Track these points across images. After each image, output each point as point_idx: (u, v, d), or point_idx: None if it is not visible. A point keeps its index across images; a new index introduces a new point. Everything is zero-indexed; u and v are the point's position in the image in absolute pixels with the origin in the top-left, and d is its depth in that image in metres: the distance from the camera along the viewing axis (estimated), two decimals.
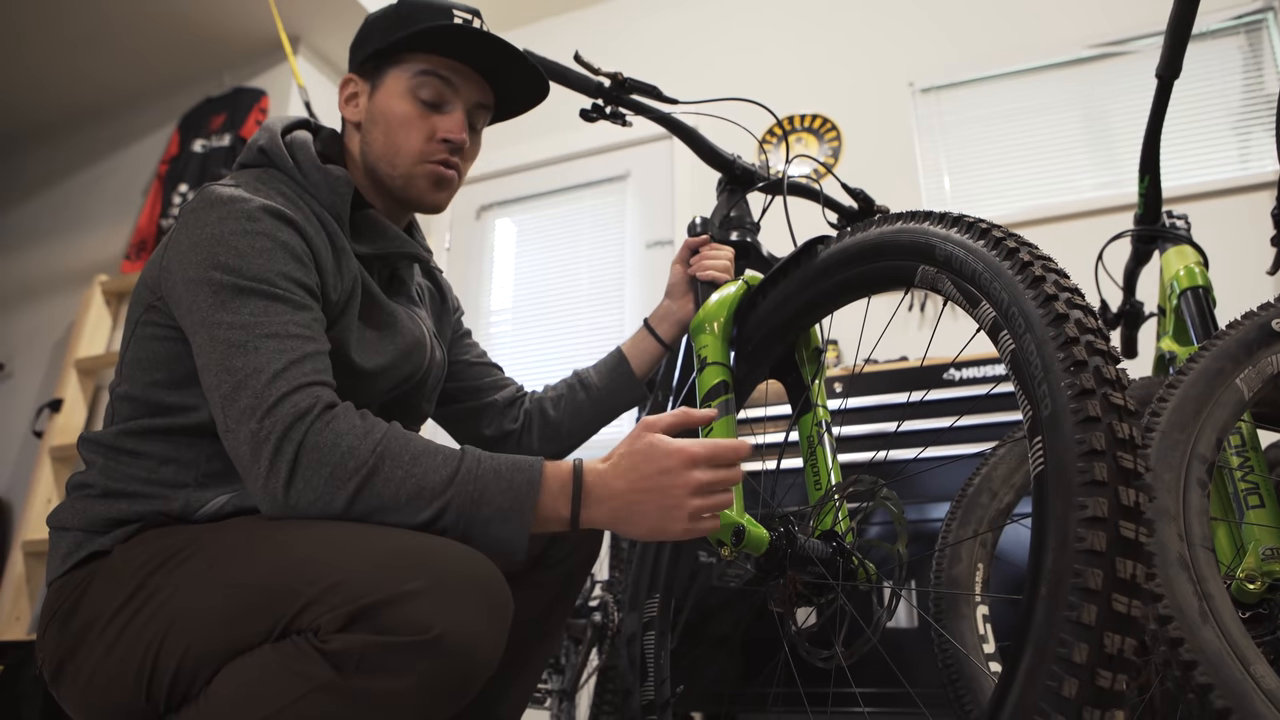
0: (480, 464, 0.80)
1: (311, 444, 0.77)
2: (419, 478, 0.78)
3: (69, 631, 0.82)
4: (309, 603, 0.71)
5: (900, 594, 0.90)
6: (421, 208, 1.04)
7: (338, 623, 0.70)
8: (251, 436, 0.77)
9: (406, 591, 0.70)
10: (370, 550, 0.73)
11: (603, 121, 1.21)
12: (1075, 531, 0.58)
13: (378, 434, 0.79)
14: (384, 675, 0.69)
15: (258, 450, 0.77)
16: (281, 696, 0.70)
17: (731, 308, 1.08)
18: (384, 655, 0.69)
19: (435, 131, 1.00)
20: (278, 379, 0.79)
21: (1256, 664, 0.80)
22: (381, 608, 0.69)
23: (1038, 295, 0.67)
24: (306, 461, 0.76)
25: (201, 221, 0.86)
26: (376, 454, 0.77)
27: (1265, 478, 1.04)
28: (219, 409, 0.80)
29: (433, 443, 0.82)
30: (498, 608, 0.75)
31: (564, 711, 1.94)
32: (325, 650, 0.70)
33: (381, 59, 1.01)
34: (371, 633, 0.69)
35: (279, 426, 0.77)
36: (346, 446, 0.77)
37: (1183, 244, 1.40)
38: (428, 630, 0.69)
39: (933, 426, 1.82)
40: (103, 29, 3.34)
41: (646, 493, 0.79)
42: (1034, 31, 2.81)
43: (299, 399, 0.79)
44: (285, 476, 0.76)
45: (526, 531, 0.79)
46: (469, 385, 1.23)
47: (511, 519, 0.78)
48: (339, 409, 0.80)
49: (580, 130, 3.31)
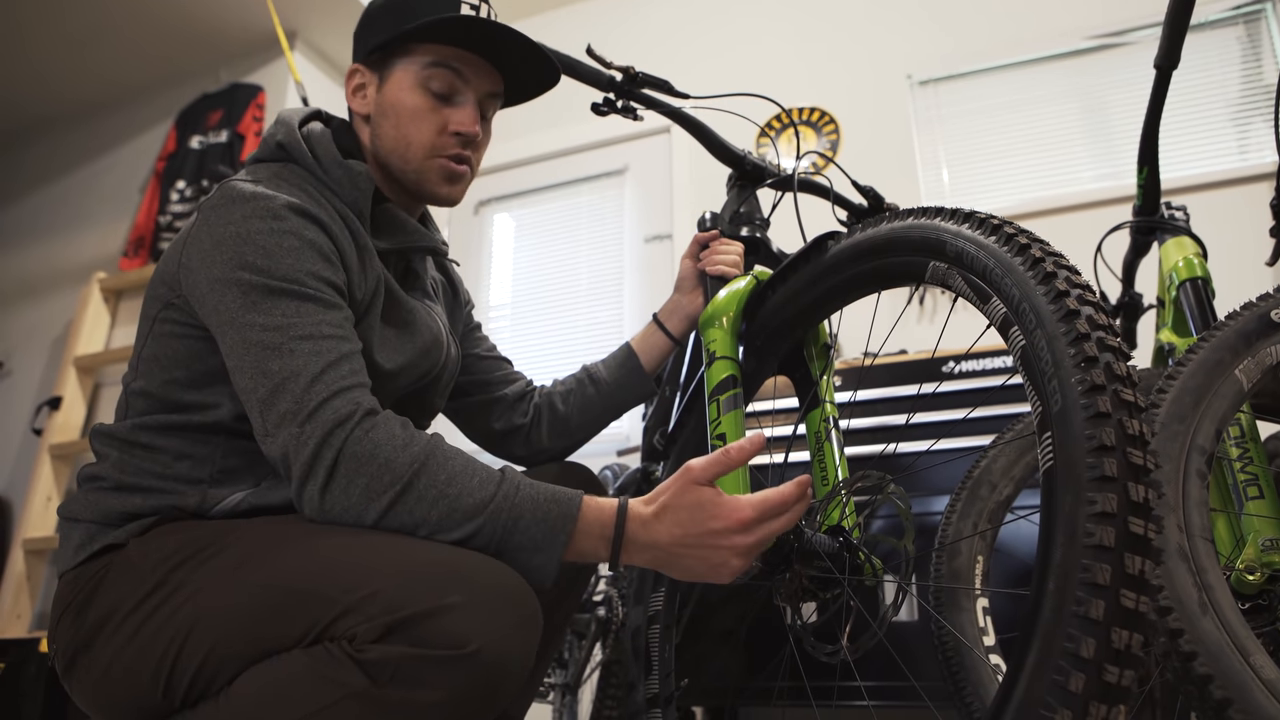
0: (519, 491, 0.79)
1: (350, 453, 0.77)
2: (453, 499, 0.77)
3: (84, 624, 0.81)
4: (345, 610, 0.71)
5: (907, 589, 0.90)
6: (436, 201, 1.03)
7: (375, 633, 0.70)
8: (293, 440, 0.77)
9: (445, 605, 0.70)
10: (407, 561, 0.73)
11: (603, 116, 1.20)
12: (1084, 526, 0.58)
13: (416, 448, 0.79)
14: (418, 687, 0.69)
15: (298, 454, 0.77)
16: (311, 701, 0.70)
17: (741, 303, 1.08)
18: (420, 667, 0.69)
19: (447, 124, 0.98)
20: (316, 383, 0.79)
21: (1256, 655, 0.80)
22: (420, 620, 0.70)
23: (1049, 291, 0.67)
24: (344, 470, 0.77)
25: (225, 219, 0.85)
26: (414, 470, 0.77)
27: (1264, 469, 1.04)
28: (256, 413, 0.80)
29: (473, 460, 0.81)
30: (529, 621, 0.75)
31: (567, 706, 1.95)
32: (361, 659, 0.70)
33: (389, 49, 0.99)
34: (409, 644, 0.69)
35: (318, 432, 0.77)
36: (384, 458, 0.77)
37: (1181, 235, 1.40)
38: (465, 644, 0.69)
39: (936, 420, 1.82)
40: (100, 25, 3.32)
41: (692, 549, 0.78)
42: (1032, 23, 2.81)
43: (339, 404, 0.79)
44: (322, 482, 0.77)
45: (558, 565, 0.79)
46: (480, 379, 1.22)
47: (544, 549, 0.78)
48: (380, 417, 0.80)
49: (578, 124, 3.30)
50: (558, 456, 1.25)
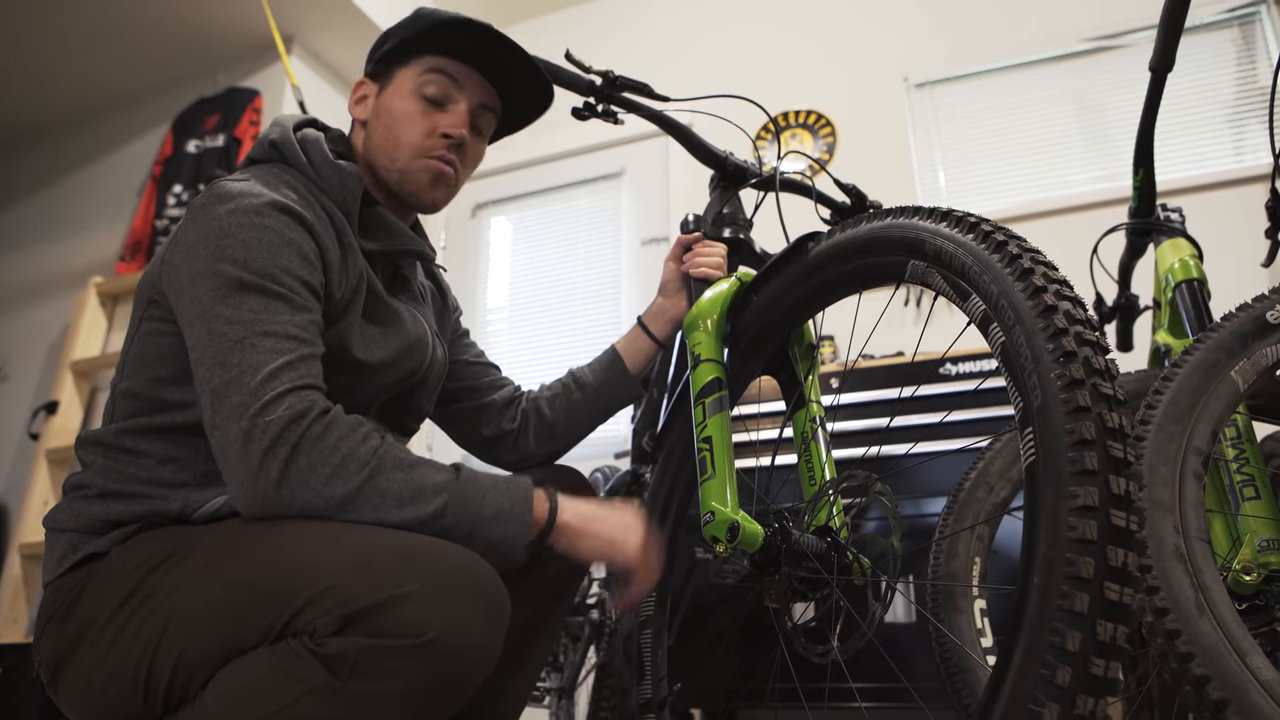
0: (475, 474, 0.84)
1: (309, 446, 0.77)
2: (418, 480, 0.79)
3: (66, 633, 0.81)
4: (304, 605, 0.71)
5: (895, 588, 0.89)
6: (419, 205, 1.04)
7: (332, 626, 0.70)
8: (243, 434, 0.77)
9: (400, 594, 0.70)
10: (365, 551, 0.73)
11: (584, 120, 1.21)
12: (1067, 520, 0.58)
13: (374, 441, 0.80)
14: (379, 678, 0.69)
15: (247, 448, 0.76)
16: (276, 700, 0.70)
17: (724, 304, 1.08)
18: (378, 658, 0.69)
19: (436, 127, 1.00)
20: (273, 378, 0.79)
21: (1253, 655, 0.80)
22: (375, 610, 0.69)
23: (1027, 287, 0.68)
24: (304, 463, 0.76)
25: (209, 215, 0.86)
26: (377, 457, 0.79)
27: (1261, 469, 1.04)
28: (208, 403, 0.80)
29: (424, 458, 0.84)
30: (493, 608, 0.75)
31: (562, 709, 1.94)
32: (320, 654, 0.70)
33: (392, 60, 1.03)
34: (366, 636, 0.69)
35: (274, 427, 0.76)
36: (347, 449, 0.78)
37: (1177, 237, 1.40)
38: (422, 633, 0.69)
39: (927, 421, 1.82)
40: (96, 29, 3.33)
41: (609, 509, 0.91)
42: (1028, 26, 2.81)
43: (294, 401, 0.78)
44: (276, 477, 0.76)
45: (528, 530, 0.82)
46: (467, 385, 1.22)
47: (513, 517, 0.81)
48: (335, 413, 0.80)
49: (575, 128, 3.30)
50: (545, 461, 1.25)
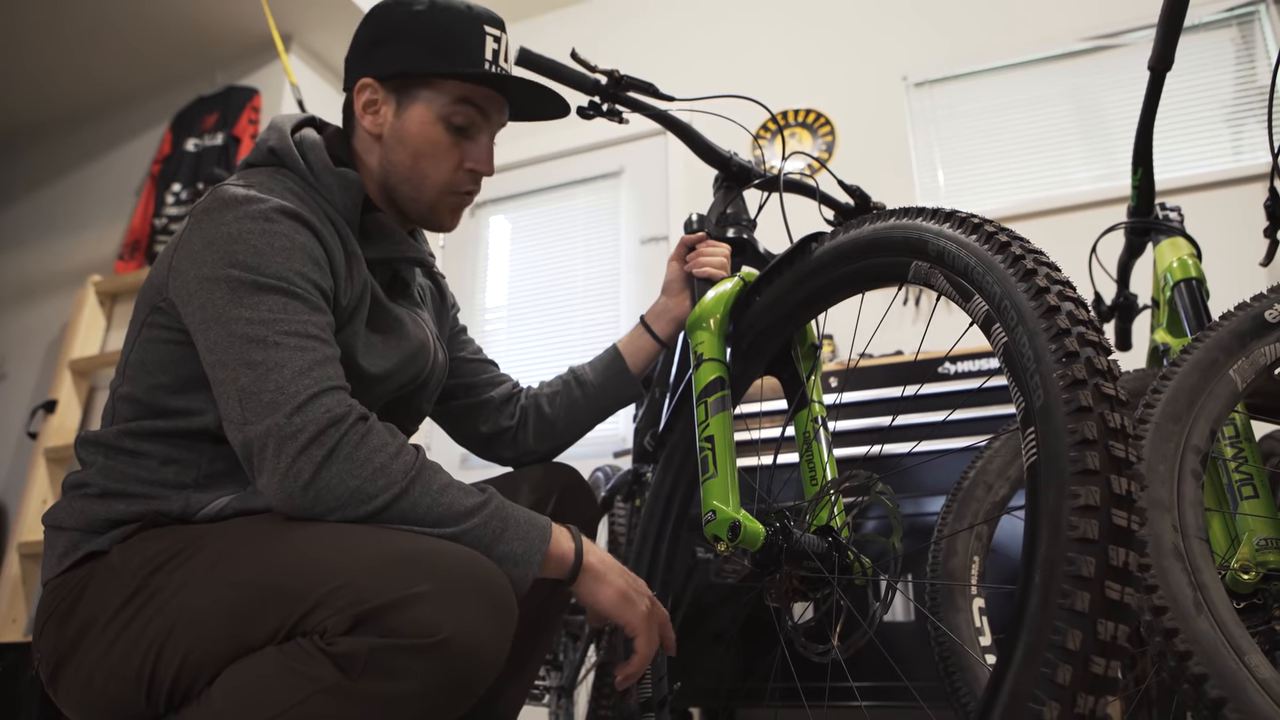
0: (505, 505, 0.83)
1: (345, 454, 0.76)
2: (446, 506, 0.79)
3: (67, 632, 0.81)
4: (315, 605, 0.71)
5: (895, 587, 0.90)
6: (438, 229, 1.05)
7: (343, 625, 0.70)
8: (277, 430, 0.76)
9: (412, 595, 0.70)
10: (376, 553, 0.73)
11: (589, 119, 1.21)
12: (1068, 520, 0.58)
13: (409, 456, 0.80)
14: (389, 678, 0.69)
15: (281, 446, 0.76)
16: (285, 698, 0.70)
17: (727, 304, 1.08)
18: (390, 658, 0.69)
19: (464, 160, 1.00)
20: (304, 376, 0.78)
21: (1251, 654, 0.80)
22: (387, 610, 0.69)
23: (1030, 288, 0.68)
24: (337, 470, 0.76)
25: (216, 221, 0.85)
26: (409, 478, 0.79)
27: (1259, 468, 1.04)
28: (235, 402, 0.79)
29: (457, 479, 0.84)
30: (502, 610, 0.75)
31: (562, 708, 1.94)
32: (331, 653, 0.70)
33: (412, 80, 0.98)
34: (377, 635, 0.69)
35: (310, 427, 0.76)
36: (379, 464, 0.78)
37: (1176, 236, 1.40)
38: (433, 633, 0.69)
39: (928, 420, 1.82)
40: (95, 28, 3.32)
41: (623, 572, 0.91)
42: (1027, 25, 2.82)
43: (330, 403, 0.78)
44: (307, 477, 0.76)
45: (533, 575, 0.82)
46: (465, 382, 1.22)
47: (522, 564, 0.81)
48: (373, 422, 0.80)
49: (574, 127, 3.30)
50: (544, 458, 1.25)
